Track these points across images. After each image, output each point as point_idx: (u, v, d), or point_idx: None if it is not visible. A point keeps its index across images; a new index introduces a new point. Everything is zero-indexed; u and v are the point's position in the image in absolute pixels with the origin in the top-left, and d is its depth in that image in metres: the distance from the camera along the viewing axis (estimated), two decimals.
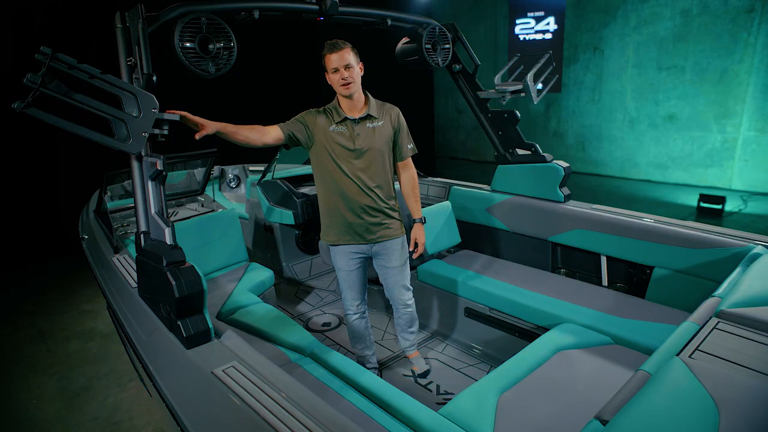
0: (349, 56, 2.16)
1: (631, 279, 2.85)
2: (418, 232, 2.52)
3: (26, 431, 2.79)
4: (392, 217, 2.42)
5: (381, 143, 2.30)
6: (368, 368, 2.68)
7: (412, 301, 2.63)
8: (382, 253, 2.45)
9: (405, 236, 2.52)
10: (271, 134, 2.25)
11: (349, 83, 2.17)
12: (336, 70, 2.16)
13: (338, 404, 1.79)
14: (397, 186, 2.50)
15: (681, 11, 7.78)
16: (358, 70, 2.21)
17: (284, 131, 2.27)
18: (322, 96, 2.55)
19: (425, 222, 2.58)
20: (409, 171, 2.48)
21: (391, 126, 2.34)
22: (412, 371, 2.74)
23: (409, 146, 2.40)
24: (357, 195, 2.30)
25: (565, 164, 3.11)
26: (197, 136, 2.00)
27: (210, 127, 2.02)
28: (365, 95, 2.31)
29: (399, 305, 2.61)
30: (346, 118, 2.27)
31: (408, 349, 2.76)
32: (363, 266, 2.52)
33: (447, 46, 3.05)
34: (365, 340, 2.66)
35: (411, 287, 2.61)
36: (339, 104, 2.29)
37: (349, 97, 2.23)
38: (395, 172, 2.46)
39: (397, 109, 2.41)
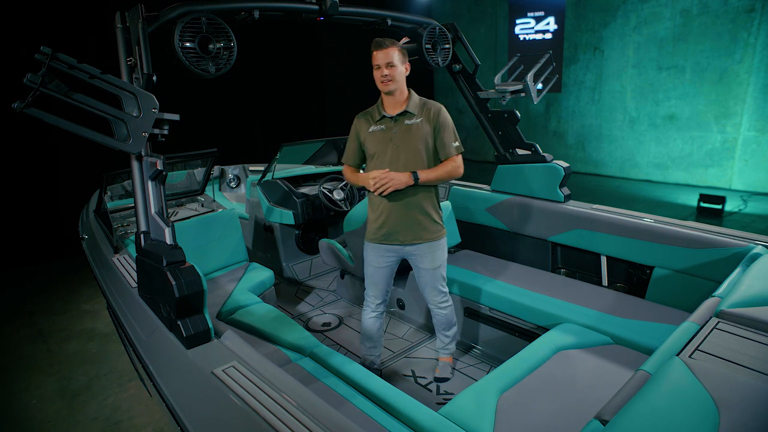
0: (393, 55, 2.20)
1: (631, 279, 2.85)
2: (398, 173, 2.24)
3: (26, 431, 2.79)
4: (430, 217, 2.37)
5: (417, 141, 2.29)
6: (371, 369, 2.67)
7: (445, 304, 2.57)
8: (415, 253, 2.43)
9: (443, 240, 2.46)
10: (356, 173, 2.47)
11: (389, 81, 2.22)
12: (378, 67, 2.22)
13: (338, 404, 1.79)
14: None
15: (681, 11, 7.78)
16: (401, 70, 2.25)
17: (354, 164, 2.48)
18: (326, 96, 2.55)
19: (414, 179, 2.24)
20: (451, 162, 2.35)
21: (429, 124, 2.30)
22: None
23: (454, 144, 2.32)
24: (393, 193, 2.27)
25: (565, 164, 3.11)
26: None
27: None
28: (409, 93, 2.33)
29: (431, 305, 2.60)
30: (384, 116, 2.32)
31: (441, 350, 2.72)
32: (392, 267, 2.49)
33: (447, 46, 3.05)
34: (374, 340, 2.62)
35: (445, 290, 2.55)
36: (381, 102, 2.35)
37: (389, 93, 2.27)
38: None
39: (439, 106, 2.34)
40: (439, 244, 2.44)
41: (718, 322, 1.60)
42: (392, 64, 2.20)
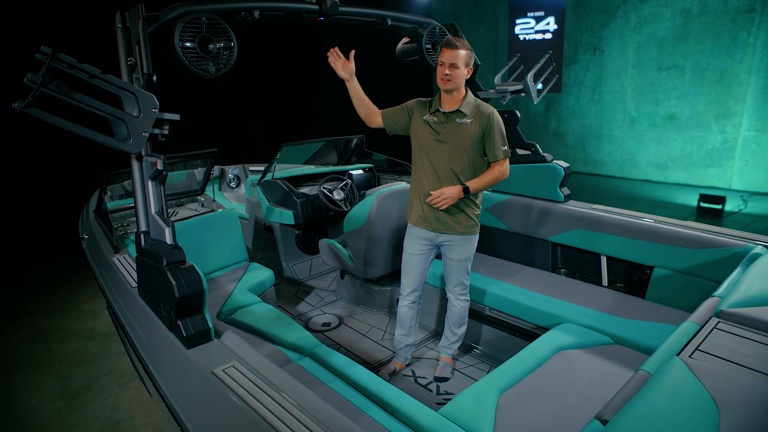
0: (460, 57, 2.25)
1: (631, 279, 2.85)
2: (450, 189, 2.34)
3: (26, 431, 2.79)
4: (464, 213, 2.44)
5: (464, 140, 2.34)
6: (399, 354, 2.77)
7: (463, 297, 2.64)
8: (445, 244, 2.53)
9: (474, 236, 2.51)
10: (373, 120, 2.53)
11: (448, 80, 2.29)
12: (443, 65, 2.28)
13: (338, 404, 1.79)
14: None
15: (681, 11, 7.78)
16: (463, 72, 2.30)
17: (384, 120, 2.53)
18: (326, 96, 2.55)
19: (466, 191, 2.35)
20: (498, 167, 2.41)
21: (479, 127, 2.34)
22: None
23: (503, 148, 2.36)
24: (433, 184, 2.40)
25: (565, 164, 3.11)
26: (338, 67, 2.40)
27: (352, 79, 2.44)
28: (465, 93, 2.37)
29: (450, 295, 2.67)
30: (438, 110, 2.39)
31: (444, 349, 2.75)
32: (424, 257, 2.58)
33: None
34: (406, 328, 2.73)
35: (467, 283, 2.62)
36: (439, 97, 2.41)
37: (447, 92, 2.34)
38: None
39: (491, 110, 2.36)
40: (470, 239, 2.51)
41: (718, 322, 1.60)
42: (456, 65, 2.26)
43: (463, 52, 2.26)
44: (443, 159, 2.37)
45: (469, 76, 2.34)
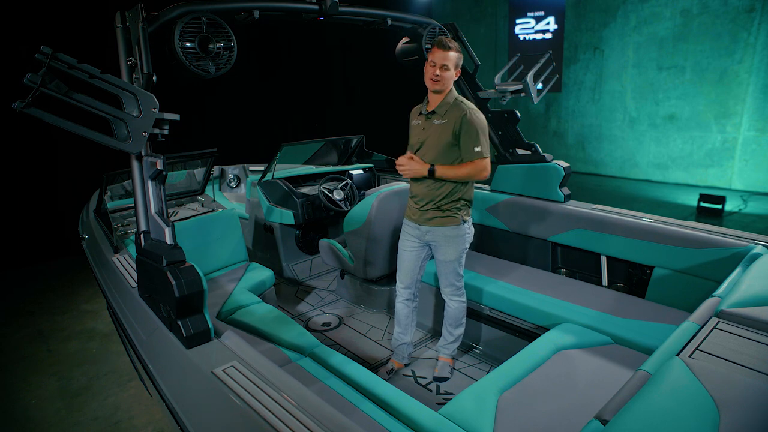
0: (451, 59, 2.28)
1: (631, 279, 2.85)
2: (417, 163, 2.37)
3: (26, 431, 2.79)
4: (444, 211, 2.43)
5: (438, 140, 2.35)
6: (397, 352, 2.78)
7: (456, 298, 2.64)
8: (432, 244, 2.54)
9: (457, 237, 2.47)
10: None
11: (437, 81, 2.32)
12: (433, 65, 2.31)
13: (338, 404, 1.79)
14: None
15: (681, 11, 7.78)
16: (452, 74, 2.33)
17: (410, 149, 2.52)
18: (326, 96, 2.55)
19: (431, 173, 2.34)
20: (472, 164, 2.35)
21: (452, 127, 2.33)
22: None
23: (476, 149, 2.30)
24: (414, 184, 2.49)
25: (565, 164, 3.11)
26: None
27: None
28: (447, 94, 2.38)
29: (443, 296, 2.68)
30: (421, 112, 2.46)
31: (442, 348, 2.75)
32: (416, 254, 2.60)
33: None
34: (402, 326, 2.75)
35: (458, 284, 2.62)
36: (427, 98, 2.45)
37: (435, 92, 2.37)
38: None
39: (465, 110, 2.32)
40: (453, 239, 2.47)
41: (718, 322, 1.60)
42: (447, 67, 2.29)
43: (454, 54, 2.29)
44: (425, 160, 2.40)
45: (455, 78, 2.36)
